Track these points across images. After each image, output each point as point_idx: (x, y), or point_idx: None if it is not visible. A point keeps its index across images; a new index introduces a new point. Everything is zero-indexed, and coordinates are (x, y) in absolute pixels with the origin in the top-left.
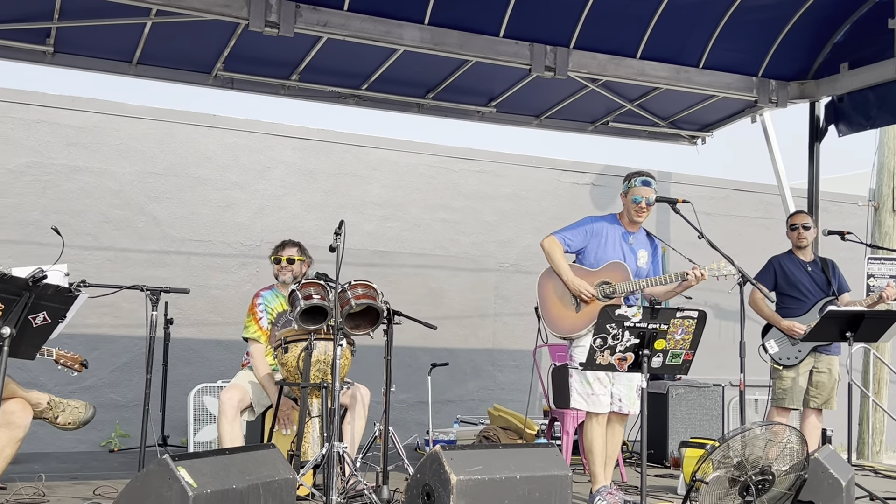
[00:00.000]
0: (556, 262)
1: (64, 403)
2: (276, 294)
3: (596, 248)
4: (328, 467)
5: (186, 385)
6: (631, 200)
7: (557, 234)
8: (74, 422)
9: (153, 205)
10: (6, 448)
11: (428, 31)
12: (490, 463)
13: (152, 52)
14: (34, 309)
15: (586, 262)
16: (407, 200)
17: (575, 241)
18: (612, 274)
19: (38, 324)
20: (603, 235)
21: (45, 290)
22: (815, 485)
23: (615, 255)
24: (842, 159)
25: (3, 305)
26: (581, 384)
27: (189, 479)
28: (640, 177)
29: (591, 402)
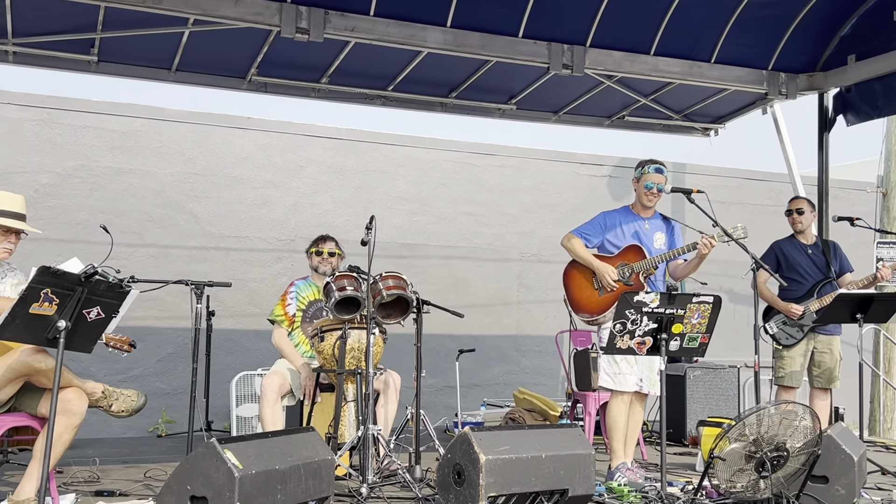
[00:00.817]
0: (581, 255)
1: (117, 392)
2: (310, 284)
3: (613, 238)
4: (364, 449)
5: (228, 373)
6: (643, 186)
7: (575, 231)
8: (127, 409)
9: (193, 203)
10: (64, 434)
11: (450, 34)
12: (517, 443)
13: (190, 59)
14: (88, 304)
15: (607, 252)
16: (432, 195)
17: (592, 235)
18: (630, 256)
19: (92, 318)
20: (617, 227)
21: (97, 286)
22: (828, 460)
23: (632, 241)
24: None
25: (58, 300)
26: (609, 364)
27: (235, 461)
28: (652, 164)
29: (619, 382)
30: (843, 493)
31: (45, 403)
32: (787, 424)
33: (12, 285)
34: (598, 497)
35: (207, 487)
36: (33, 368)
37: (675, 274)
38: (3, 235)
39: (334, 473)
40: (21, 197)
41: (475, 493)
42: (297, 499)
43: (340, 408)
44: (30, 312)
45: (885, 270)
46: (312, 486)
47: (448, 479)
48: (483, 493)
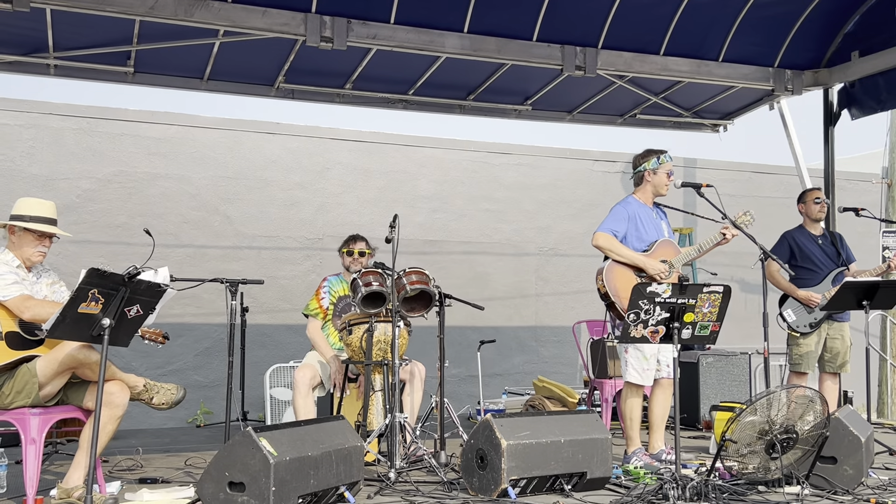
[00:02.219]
0: (623, 253)
1: (158, 386)
2: (341, 280)
3: (635, 230)
4: (391, 436)
5: (262, 366)
6: (665, 174)
7: (605, 229)
8: (168, 402)
9: (226, 206)
10: (108, 424)
11: (468, 39)
12: (536, 429)
13: (221, 68)
14: (129, 302)
15: (630, 246)
16: (453, 193)
17: (620, 228)
18: (666, 251)
19: (131, 315)
20: (637, 218)
21: (138, 286)
22: (837, 441)
23: (653, 232)
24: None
25: (103, 299)
26: (638, 360)
27: (270, 448)
28: (663, 153)
29: (645, 377)
30: (851, 473)
31: (90, 396)
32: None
33: (47, 284)
34: (615, 479)
35: (244, 473)
36: (79, 362)
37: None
38: (37, 240)
39: (364, 459)
40: (52, 203)
41: (497, 476)
42: (329, 483)
43: (369, 397)
44: (78, 312)
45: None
46: (343, 471)
47: (472, 464)
48: (505, 476)
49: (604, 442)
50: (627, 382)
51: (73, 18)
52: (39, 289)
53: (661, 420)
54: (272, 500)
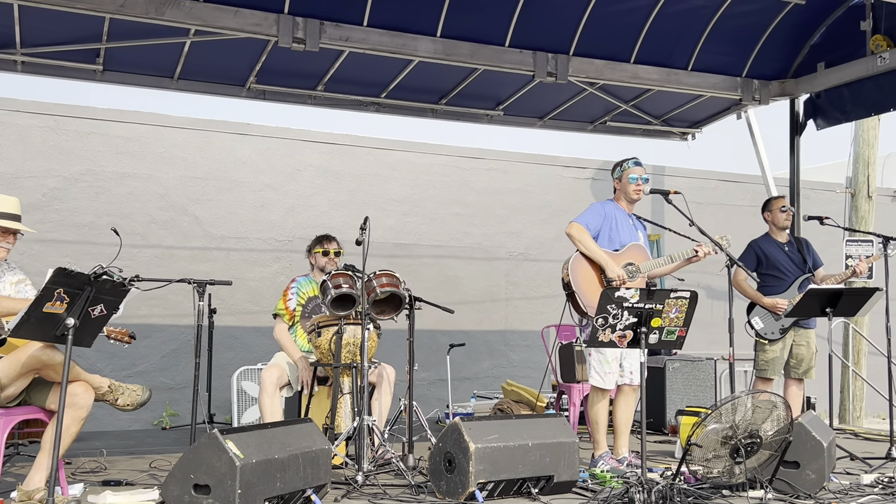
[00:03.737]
0: (591, 248)
1: (123, 387)
2: (310, 280)
3: (609, 229)
4: (359, 439)
5: (229, 368)
6: (628, 180)
7: (580, 221)
8: (133, 403)
9: (195, 206)
10: (71, 426)
11: (440, 43)
12: (504, 432)
13: (192, 67)
14: (94, 302)
15: (602, 245)
16: (424, 197)
17: (594, 223)
18: (635, 255)
19: (95, 315)
20: (614, 217)
21: (103, 285)
22: (799, 446)
23: (628, 235)
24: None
25: (68, 299)
26: (600, 363)
27: (236, 451)
28: (630, 159)
29: (607, 380)
30: (813, 478)
31: (53, 397)
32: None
33: (12, 283)
34: (582, 483)
35: (210, 476)
36: (43, 363)
37: (652, 275)
38: (1, 236)
39: (331, 462)
40: (16, 199)
41: (465, 479)
42: (295, 486)
43: (337, 400)
44: (43, 311)
45: (862, 265)
46: (310, 474)
47: (440, 467)
48: (473, 479)
49: (571, 446)
50: (593, 386)
51: (41, 14)
52: (3, 287)
53: (625, 426)
54: (238, 502)
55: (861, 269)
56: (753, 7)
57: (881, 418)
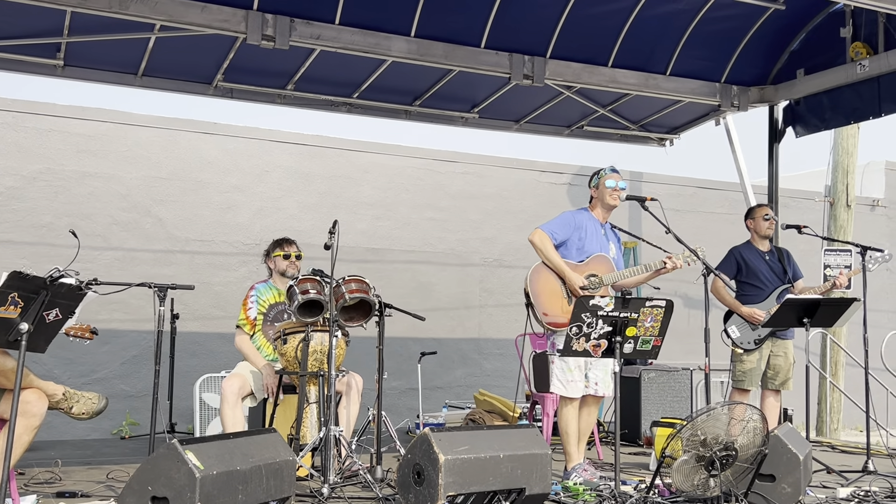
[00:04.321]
0: (551, 258)
1: (78, 395)
2: (270, 286)
3: (578, 239)
4: (325, 449)
5: (192, 375)
6: (605, 185)
7: (545, 228)
8: (88, 412)
9: (159, 207)
10: (23, 435)
11: (414, 43)
12: (475, 443)
13: (156, 64)
14: (49, 306)
15: (569, 255)
16: (397, 201)
17: (561, 233)
18: (598, 266)
19: (50, 319)
20: (584, 228)
21: (59, 289)
22: (775, 459)
23: (596, 246)
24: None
25: (23, 303)
26: (562, 371)
27: (196, 462)
28: (605, 168)
29: (570, 388)
30: (789, 491)
31: (4, 405)
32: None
33: None
34: (555, 496)
35: (168, 488)
36: None
37: (621, 286)
38: None
39: (296, 474)
40: None
41: (434, 492)
42: (258, 499)
43: (303, 409)
44: None
45: (842, 278)
46: (274, 486)
47: (408, 479)
48: (442, 492)
49: (543, 457)
50: (561, 396)
51: None
52: None
53: (584, 435)
54: None
55: (841, 283)
56: (733, 12)
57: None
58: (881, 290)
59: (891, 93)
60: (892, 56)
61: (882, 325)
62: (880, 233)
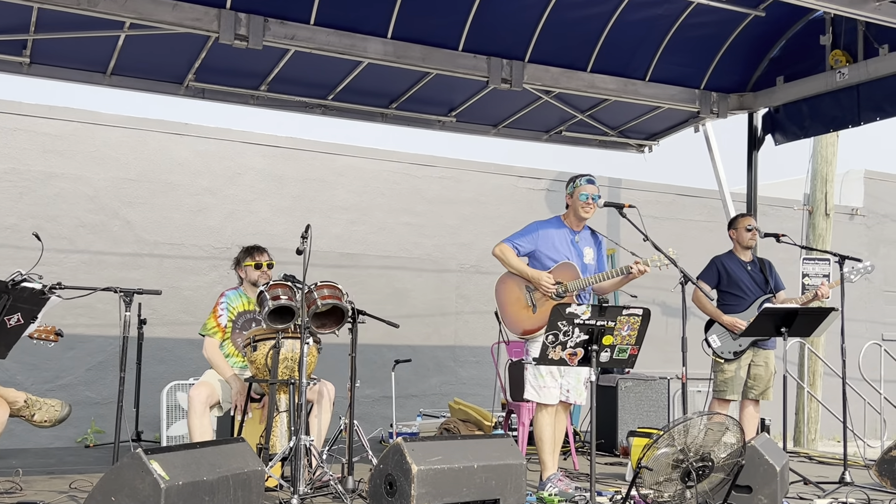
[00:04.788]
0: (514, 265)
1: (41, 402)
2: (240, 294)
3: (545, 250)
4: (296, 459)
5: (160, 382)
6: (578, 198)
7: (507, 241)
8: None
9: (127, 209)
10: None
11: (391, 45)
12: (449, 453)
13: (126, 63)
14: (10, 310)
15: (539, 265)
16: (372, 205)
17: (525, 245)
18: (563, 273)
19: (12, 324)
20: (550, 238)
21: (22, 293)
22: (752, 470)
23: (564, 254)
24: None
25: None
26: (535, 377)
27: (161, 472)
28: (583, 176)
29: (543, 395)
30: (765, 503)
31: None
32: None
33: None
34: None
35: (132, 499)
36: None
37: (600, 290)
38: None
39: (265, 485)
40: None
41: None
42: None
43: (272, 419)
44: None
45: (824, 289)
46: (242, 497)
47: (380, 490)
48: (414, 503)
49: (518, 468)
50: (537, 404)
51: None
52: None
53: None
54: None
55: (824, 293)
56: (713, 18)
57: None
58: (859, 299)
59: (870, 101)
60: (872, 64)
61: (860, 334)
62: (859, 242)
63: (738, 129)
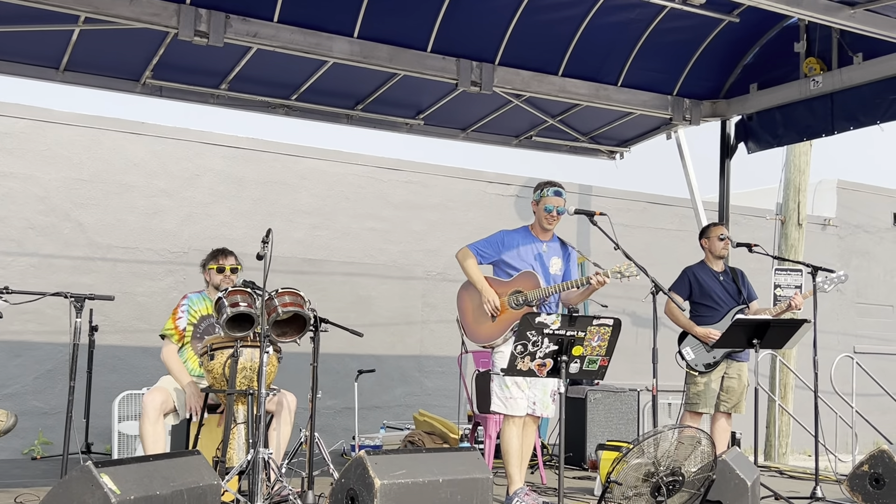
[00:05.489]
0: (469, 272)
1: None
2: (204, 298)
3: (508, 258)
4: (253, 473)
5: (111, 392)
6: (543, 209)
7: (471, 246)
8: None
9: (79, 211)
10: None
11: (357, 45)
12: (413, 467)
13: (80, 58)
14: None
15: (504, 273)
16: (336, 209)
17: (488, 252)
18: (524, 283)
19: None
20: (515, 247)
21: None
22: (723, 485)
23: (526, 265)
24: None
25: None
26: (501, 388)
27: (112, 486)
28: (551, 187)
29: (510, 406)
30: None
31: None
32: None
33: None
34: None
35: None
36: None
37: (566, 301)
38: None
39: (221, 499)
40: None
41: None
42: None
43: (229, 430)
44: None
45: (797, 299)
46: None
47: None
48: None
49: (485, 482)
50: (504, 416)
51: None
52: None
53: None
54: None
55: (797, 303)
56: (686, 23)
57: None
58: (831, 311)
59: (844, 110)
60: (846, 73)
61: (832, 346)
62: (831, 253)
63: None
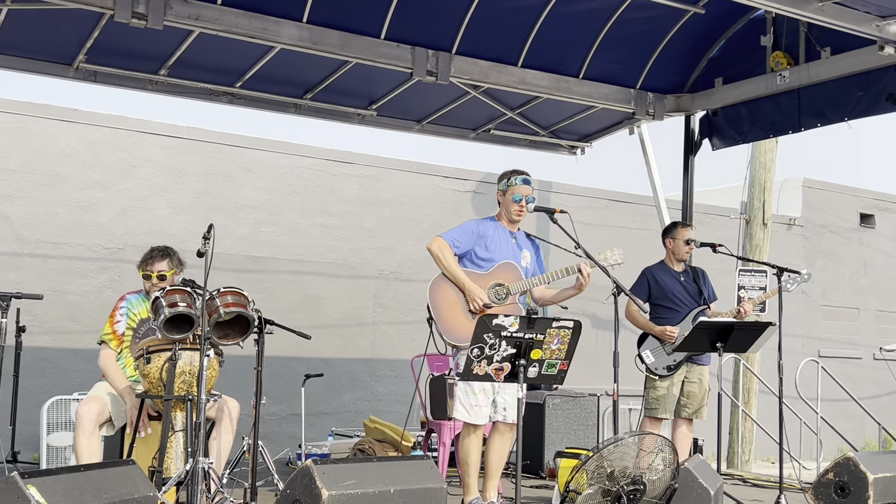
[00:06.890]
0: (450, 268)
1: None
2: (143, 299)
3: (484, 249)
4: (192, 484)
5: (40, 397)
6: (511, 199)
7: (445, 236)
8: None
9: (5, 203)
10: None
11: (306, 30)
12: (363, 477)
13: (7, 40)
14: None
15: (475, 265)
16: (283, 204)
17: (463, 242)
18: (504, 275)
19: None
20: (489, 236)
21: None
22: (685, 494)
23: (504, 254)
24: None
25: None
26: (466, 395)
27: (40, 499)
28: (519, 175)
29: (473, 414)
30: None
31: None
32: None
33: None
34: None
35: None
36: None
37: (541, 299)
38: None
39: None
40: None
41: None
42: None
43: (167, 438)
44: None
45: (747, 305)
46: None
47: None
48: None
49: (438, 492)
50: (465, 423)
51: None
52: None
53: (497, 468)
54: None
55: (746, 310)
56: (650, 14)
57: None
58: (796, 313)
59: (811, 107)
60: (814, 68)
61: (796, 350)
62: (796, 253)
63: (675, 133)
